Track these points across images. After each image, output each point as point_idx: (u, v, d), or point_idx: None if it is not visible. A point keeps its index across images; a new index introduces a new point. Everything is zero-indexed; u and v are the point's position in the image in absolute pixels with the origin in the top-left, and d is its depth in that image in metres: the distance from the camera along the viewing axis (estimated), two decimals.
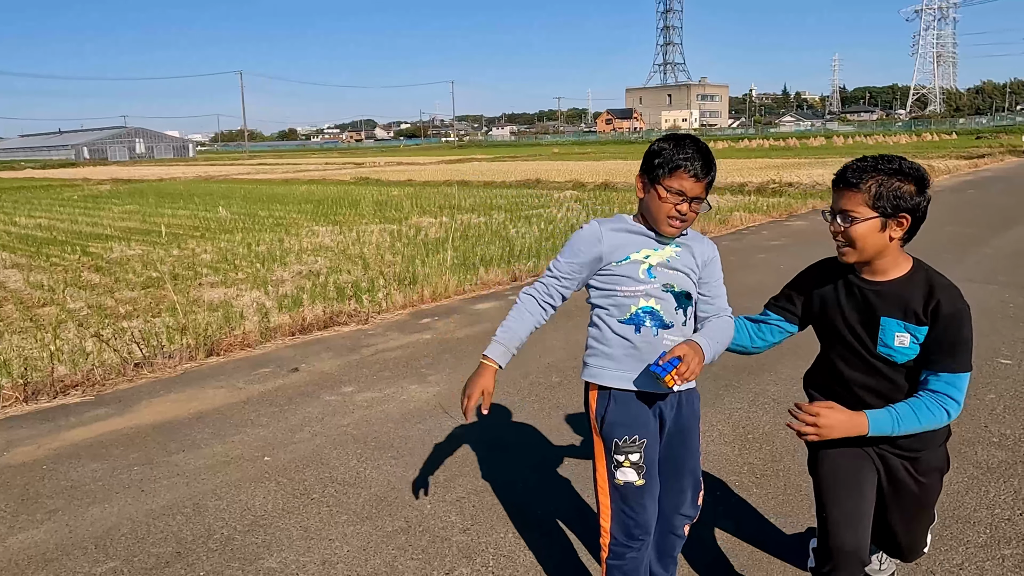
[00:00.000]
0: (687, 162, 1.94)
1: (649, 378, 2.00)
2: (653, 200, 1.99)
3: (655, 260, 2.04)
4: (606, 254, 2.04)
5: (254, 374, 5.26)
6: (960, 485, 3.28)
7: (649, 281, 2.03)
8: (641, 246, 2.04)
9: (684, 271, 2.06)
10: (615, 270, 2.04)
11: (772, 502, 3.20)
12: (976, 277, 7.64)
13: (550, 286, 2.10)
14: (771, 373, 4.86)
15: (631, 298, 2.03)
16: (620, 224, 2.07)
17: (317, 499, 3.33)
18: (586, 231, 2.05)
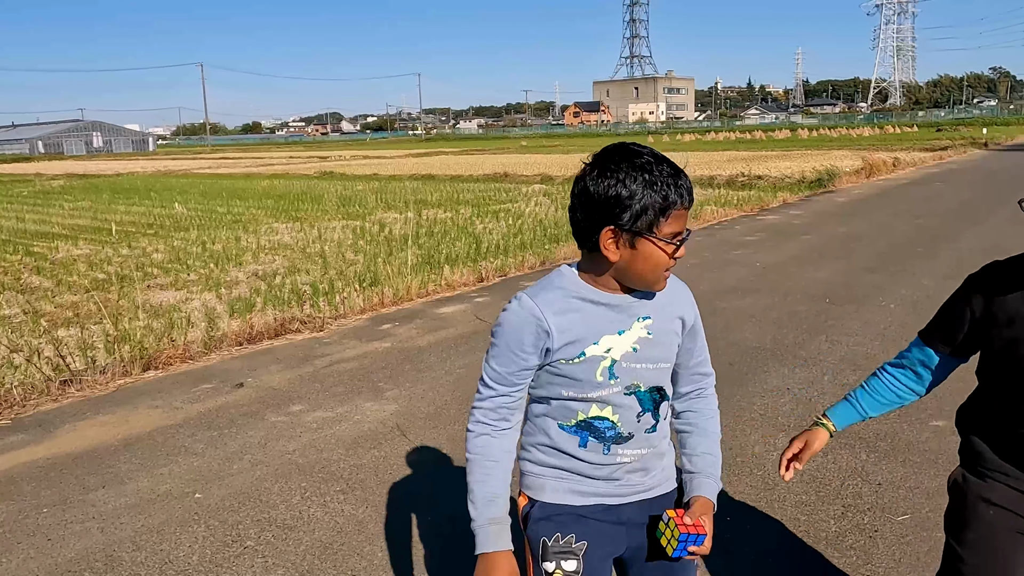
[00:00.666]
0: (679, 192, 1.39)
1: (600, 490, 1.52)
2: (644, 259, 1.40)
3: (620, 351, 1.47)
4: (555, 349, 1.45)
5: (194, 391, 4.79)
6: None
7: (608, 384, 1.47)
8: (601, 331, 1.46)
9: (656, 359, 1.51)
10: (562, 369, 1.47)
11: (766, 538, 2.85)
12: (955, 274, 7.40)
13: (501, 407, 1.50)
14: (756, 384, 4.53)
15: (580, 403, 1.49)
16: (565, 296, 1.46)
17: (251, 548, 2.90)
18: (522, 320, 1.44)
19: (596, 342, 1.45)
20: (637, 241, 1.39)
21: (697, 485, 1.59)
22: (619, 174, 1.37)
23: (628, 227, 1.38)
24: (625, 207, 1.37)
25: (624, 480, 1.53)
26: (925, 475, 3.31)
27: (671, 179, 1.38)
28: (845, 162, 22.18)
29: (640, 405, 1.50)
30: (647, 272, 1.43)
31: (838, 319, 5.89)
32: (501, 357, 1.47)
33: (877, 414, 1.86)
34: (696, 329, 1.60)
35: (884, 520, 2.95)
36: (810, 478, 3.31)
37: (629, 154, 1.40)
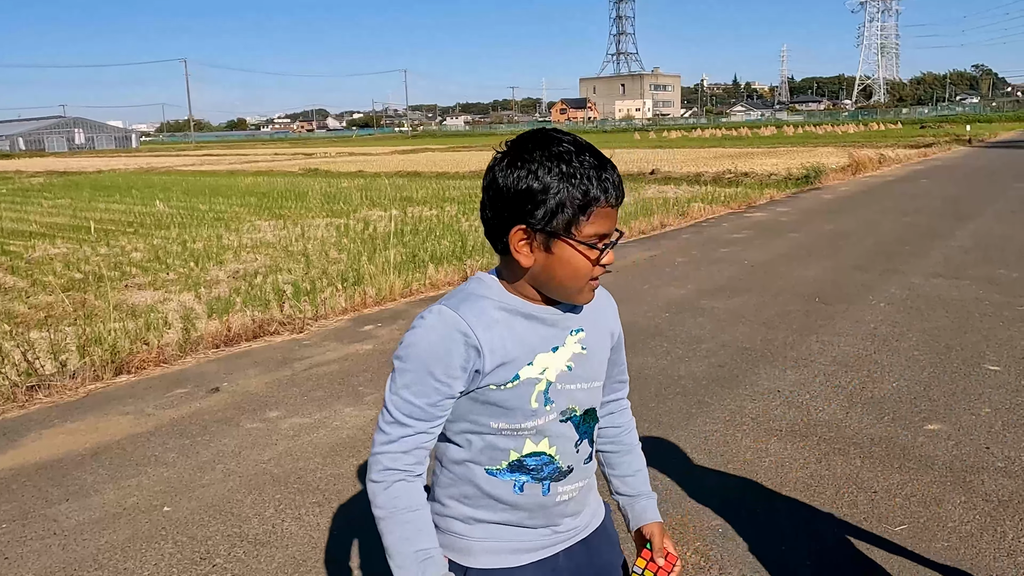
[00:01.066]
0: (603, 185, 1.18)
1: (537, 543, 1.32)
2: (562, 266, 1.20)
3: (555, 371, 1.26)
4: (485, 372, 1.21)
5: (168, 396, 4.62)
6: (972, 525, 2.86)
7: (544, 412, 1.26)
8: (535, 349, 1.25)
9: (590, 377, 1.33)
10: (491, 396, 1.23)
11: (762, 552, 2.74)
12: (944, 272, 7.36)
13: (418, 448, 1.24)
14: (747, 387, 4.41)
15: (510, 439, 1.25)
16: (491, 307, 1.23)
17: (220, 566, 2.75)
18: (445, 338, 1.19)
19: (531, 362, 1.24)
20: (553, 243, 1.18)
21: (642, 509, 1.47)
22: (531, 164, 1.17)
23: (541, 226, 1.17)
24: (538, 203, 1.16)
25: (561, 525, 1.34)
26: (921, 482, 3.20)
27: (594, 171, 1.17)
28: (831, 159, 22.19)
29: (577, 432, 1.32)
30: (566, 280, 1.22)
31: (829, 319, 5.79)
32: (418, 386, 1.20)
33: None
34: (621, 341, 1.46)
35: (881, 530, 2.84)
36: (804, 487, 3.20)
37: (546, 141, 1.19)
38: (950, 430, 3.71)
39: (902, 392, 4.23)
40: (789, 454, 3.51)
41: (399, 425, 1.22)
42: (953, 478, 3.23)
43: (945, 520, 2.90)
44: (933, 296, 6.39)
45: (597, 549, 1.40)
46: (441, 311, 1.22)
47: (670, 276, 7.67)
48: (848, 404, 4.08)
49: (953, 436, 3.64)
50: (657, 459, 3.49)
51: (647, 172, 20.72)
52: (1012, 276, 7.06)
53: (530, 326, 1.25)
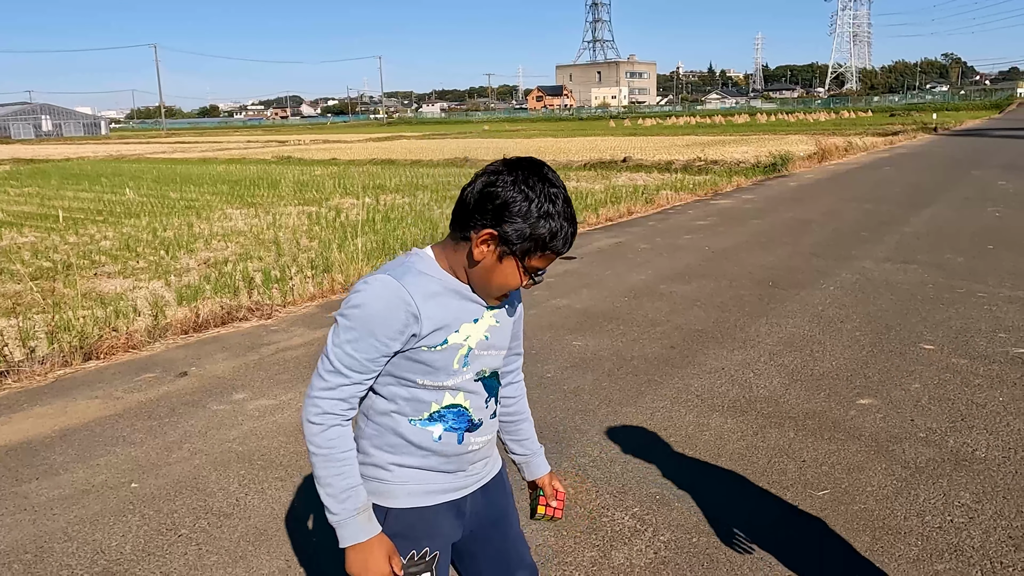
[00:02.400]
0: (565, 240, 1.41)
1: (449, 485, 1.54)
2: (499, 275, 1.42)
3: (475, 339, 1.49)
4: (421, 336, 1.42)
5: (136, 380, 4.74)
6: (889, 489, 3.09)
7: (462, 372, 1.48)
8: (461, 319, 1.46)
9: (499, 345, 1.55)
10: (423, 356, 1.44)
11: (693, 517, 2.95)
12: (895, 257, 7.65)
13: (352, 397, 1.44)
14: (695, 366, 4.63)
15: (433, 393, 1.47)
16: (429, 281, 1.43)
17: (185, 536, 2.91)
18: (390, 305, 1.37)
19: (457, 330, 1.45)
20: (505, 257, 1.40)
21: (536, 465, 1.76)
22: (530, 193, 1.37)
23: (506, 241, 1.38)
24: (516, 223, 1.37)
25: (469, 471, 1.56)
26: (847, 451, 3.44)
27: (568, 224, 1.41)
28: (799, 147, 22.56)
29: (486, 391, 1.54)
30: (494, 286, 1.45)
31: (780, 302, 6.04)
32: (360, 343, 1.38)
33: None
34: (521, 316, 1.68)
35: (805, 496, 3.07)
36: (739, 457, 3.42)
37: (548, 181, 1.40)
38: (880, 404, 3.95)
39: (840, 370, 4.47)
40: (728, 428, 3.73)
41: (339, 375, 1.40)
42: (877, 447, 3.46)
43: (865, 485, 3.13)
44: (881, 280, 6.66)
45: (494, 495, 1.64)
46: (384, 281, 1.40)
47: (633, 263, 7.88)
48: (788, 381, 4.31)
49: (882, 410, 3.88)
50: (604, 435, 3.69)
51: (619, 160, 20.93)
52: (958, 260, 7.36)
53: (459, 300, 1.45)
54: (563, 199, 1.40)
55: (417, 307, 1.38)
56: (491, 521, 1.62)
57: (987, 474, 3.19)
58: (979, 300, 5.88)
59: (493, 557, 1.64)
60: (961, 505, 2.96)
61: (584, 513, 2.98)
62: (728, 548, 2.72)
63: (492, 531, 1.63)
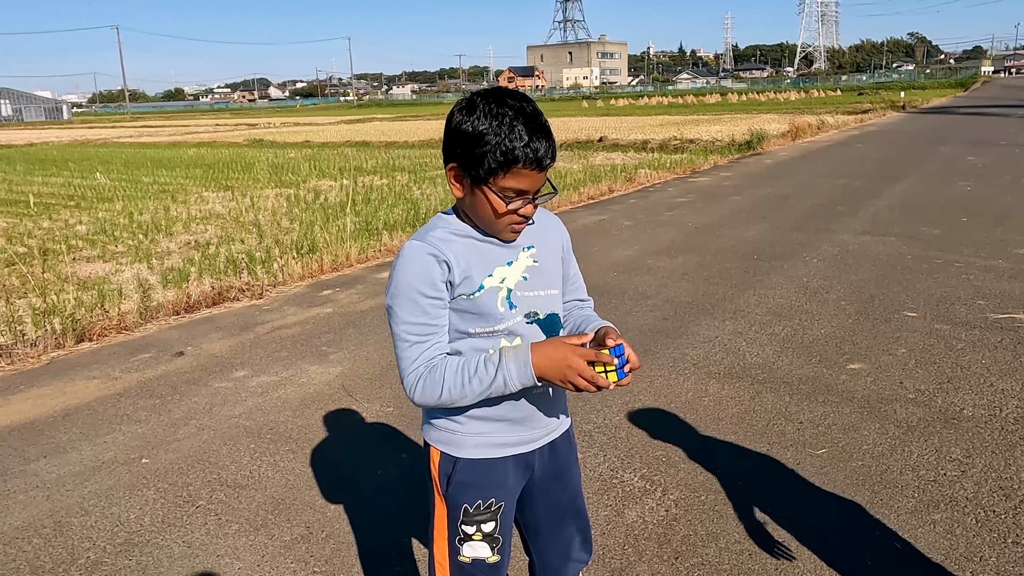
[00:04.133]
0: (526, 152, 1.35)
1: (518, 439, 1.56)
2: (481, 206, 1.42)
3: (512, 280, 1.50)
4: (456, 283, 1.46)
5: (132, 361, 4.73)
6: (883, 447, 3.22)
7: (510, 314, 1.50)
8: (492, 263, 1.48)
9: (545, 285, 1.55)
10: (464, 304, 1.47)
11: (700, 476, 3.05)
12: (872, 230, 7.82)
13: (435, 357, 1.46)
14: (689, 336, 4.74)
15: (489, 339, 1.49)
16: (450, 233, 1.47)
17: (203, 507, 2.94)
18: (421, 260, 1.42)
19: (491, 274, 1.48)
20: (476, 186, 1.41)
21: (595, 322, 1.60)
22: (477, 113, 1.36)
23: (468, 169, 1.39)
24: (468, 148, 1.37)
25: (537, 424, 1.59)
26: (841, 413, 3.56)
27: (527, 135, 1.34)
28: (772, 125, 22.79)
29: (543, 332, 1.56)
30: (485, 219, 1.45)
31: (765, 274, 6.16)
32: (411, 308, 1.43)
33: None
34: (570, 253, 1.70)
35: (805, 455, 3.18)
36: (738, 420, 3.53)
37: (500, 98, 1.37)
38: (869, 368, 4.08)
39: (829, 337, 4.60)
40: (726, 393, 3.84)
41: (415, 345, 1.44)
42: (870, 409, 3.59)
43: (860, 444, 3.26)
44: (860, 252, 6.82)
45: (561, 450, 1.67)
46: (410, 246, 1.47)
47: (617, 239, 7.98)
48: (780, 349, 4.43)
49: (872, 373, 4.02)
50: (606, 402, 3.78)
51: (595, 140, 20.99)
52: (933, 232, 7.55)
53: (484, 246, 1.48)
54: (516, 112, 1.36)
55: (444, 254, 1.43)
56: (554, 473, 1.66)
57: (975, 431, 3.34)
58: (957, 270, 6.06)
59: (550, 506, 1.68)
60: (952, 460, 3.10)
61: (595, 476, 3.07)
62: (736, 503, 2.82)
63: (554, 482, 1.66)
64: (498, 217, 1.43)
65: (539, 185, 1.43)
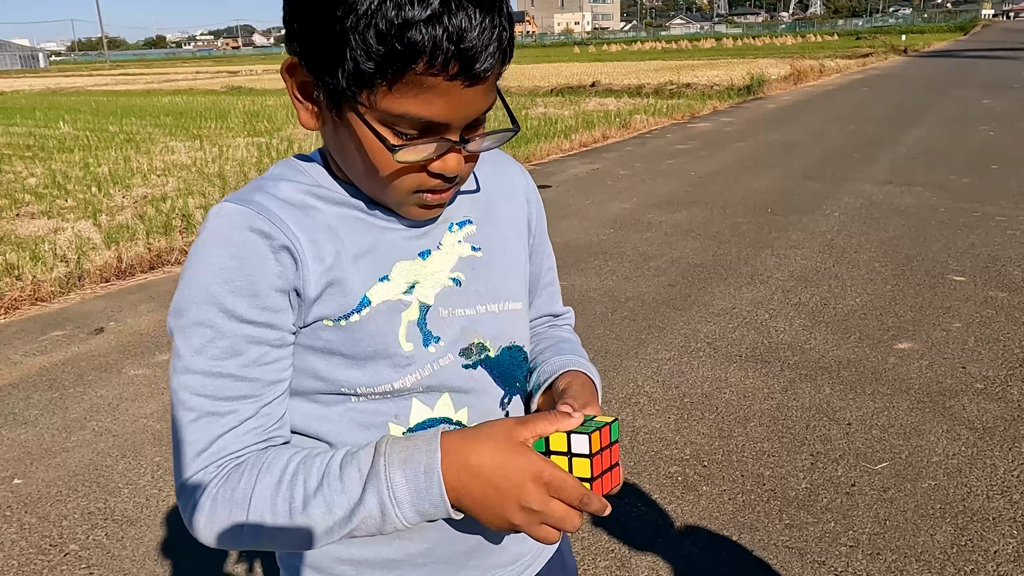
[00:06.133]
0: (433, 32, 0.60)
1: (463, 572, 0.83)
2: (354, 147, 0.69)
3: (431, 289, 0.77)
4: (313, 297, 0.72)
5: (41, 340, 3.98)
6: (959, 458, 2.53)
7: (426, 354, 0.76)
8: (388, 257, 0.76)
9: (503, 295, 0.83)
10: (330, 337, 0.74)
11: (729, 505, 2.36)
12: (895, 179, 7.07)
13: (247, 447, 0.70)
14: (701, 307, 4.02)
15: (384, 404, 0.76)
16: (309, 197, 0.74)
17: (74, 553, 2.23)
18: (237, 245, 0.69)
19: (385, 276, 0.75)
20: (342, 109, 0.67)
21: (565, 363, 0.88)
22: None
23: (316, 71, 0.66)
24: (319, 25, 0.63)
25: (492, 557, 0.83)
26: (897, 409, 2.87)
27: (439, 5, 0.60)
28: (772, 69, 21.78)
29: (499, 382, 0.82)
30: (364, 174, 0.71)
31: (782, 231, 5.42)
32: (217, 340, 0.68)
33: None
34: (543, 233, 0.94)
35: (860, 471, 2.49)
36: (770, 420, 2.83)
37: None
38: (922, 349, 3.38)
39: (867, 308, 3.89)
40: (751, 383, 3.14)
41: (205, 420, 0.69)
42: (931, 404, 2.90)
43: (928, 454, 2.57)
44: (887, 204, 6.08)
45: None
46: (221, 211, 0.71)
47: (613, 190, 7.20)
48: (811, 323, 3.72)
49: (926, 355, 3.31)
50: (604, 393, 3.08)
51: (588, 85, 19.99)
52: (963, 181, 6.81)
53: (374, 224, 0.76)
54: None
55: (287, 235, 0.70)
56: None
57: None
58: (999, 224, 5.33)
59: None
60: None
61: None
62: (777, 545, 2.14)
63: None
64: (384, 176, 0.69)
65: (471, 112, 0.67)
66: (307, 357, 0.75)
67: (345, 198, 0.75)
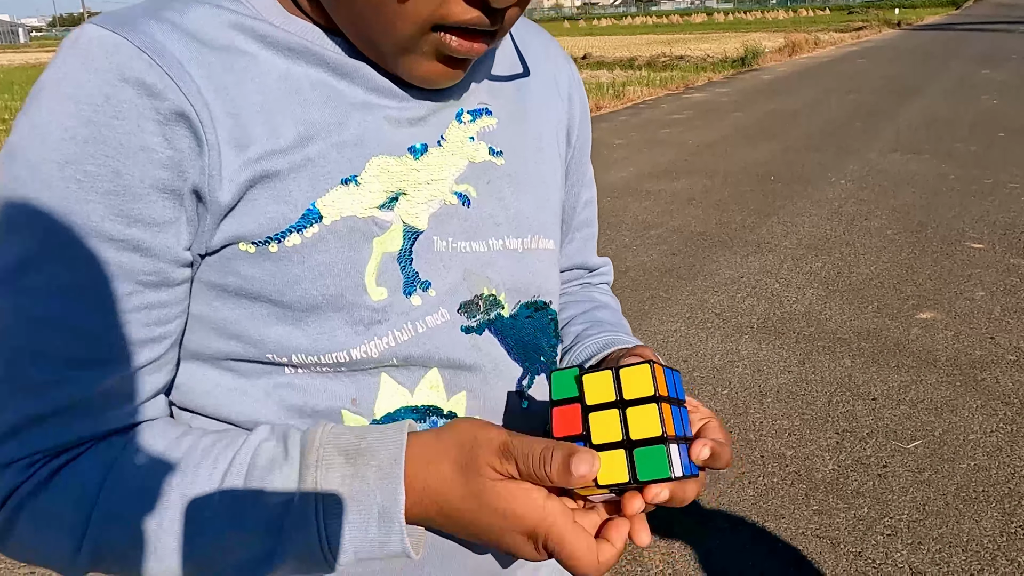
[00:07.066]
0: None
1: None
2: None
3: (424, 200, 0.50)
4: (218, 197, 0.44)
5: None
6: (998, 436, 2.31)
7: (407, 307, 0.50)
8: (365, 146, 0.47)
9: (528, 227, 0.56)
10: (253, 271, 0.46)
11: (750, 489, 2.13)
12: (900, 148, 6.83)
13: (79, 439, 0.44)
14: (705, 276, 3.77)
15: (336, 381, 0.49)
16: (227, 28, 0.46)
17: None
18: (104, 97, 0.41)
19: (353, 177, 0.47)
20: None
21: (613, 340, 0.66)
22: None
23: None
24: None
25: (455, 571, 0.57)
26: (925, 383, 2.65)
27: None
28: (767, 42, 21.46)
29: (516, 354, 0.56)
30: (369, 17, 0.44)
31: (788, 199, 5.18)
32: (39, 270, 0.42)
33: None
34: (585, 147, 0.70)
35: (892, 450, 2.27)
36: (788, 395, 2.60)
37: None
38: (946, 319, 3.16)
39: (883, 276, 3.66)
40: (765, 356, 2.90)
41: (15, 388, 0.43)
42: (962, 377, 2.68)
43: (964, 431, 2.35)
44: (894, 172, 5.84)
45: None
46: (79, 39, 0.43)
47: (608, 159, 6.93)
48: (825, 293, 3.49)
49: (950, 325, 3.09)
50: None
51: (579, 57, 19.62)
52: (970, 150, 6.58)
53: (351, 89, 0.49)
54: None
55: (185, 93, 0.43)
56: None
57: None
58: (1012, 192, 5.10)
59: None
60: None
61: None
62: (807, 534, 1.91)
63: None
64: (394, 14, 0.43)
65: None
66: (213, 302, 0.48)
67: (301, 43, 0.47)
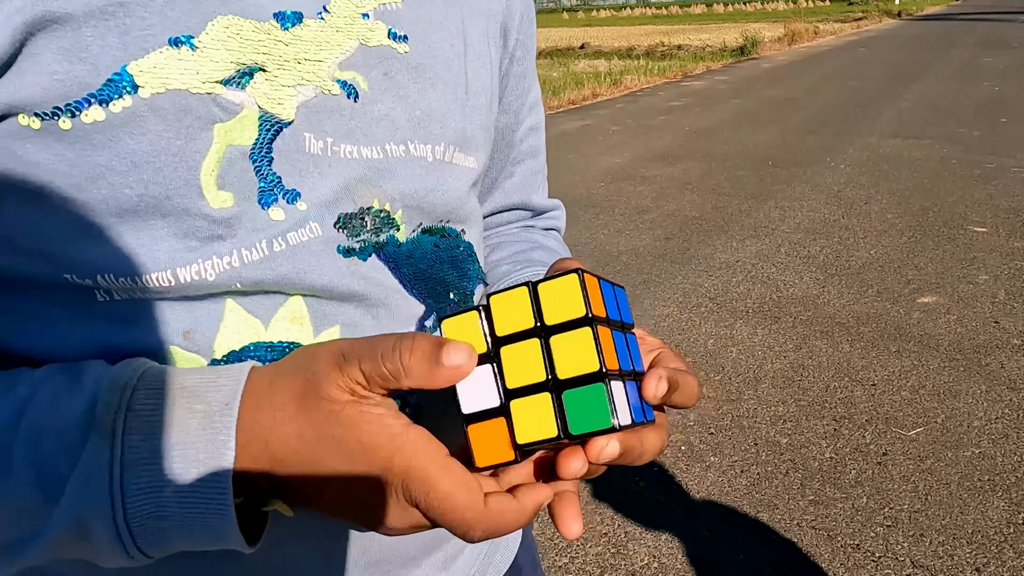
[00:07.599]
0: None
1: None
2: None
3: (291, 83, 0.37)
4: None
5: None
6: (1003, 422, 2.20)
7: (263, 219, 0.38)
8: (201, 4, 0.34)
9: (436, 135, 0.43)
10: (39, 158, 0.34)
11: (742, 478, 2.02)
12: (901, 132, 6.70)
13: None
14: (699, 261, 3.65)
15: (162, 310, 0.37)
16: None
17: None
18: None
19: (187, 38, 0.34)
20: None
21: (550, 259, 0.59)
22: None
23: None
24: None
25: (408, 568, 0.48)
26: (926, 368, 2.53)
27: None
28: (766, 31, 21.29)
29: (414, 286, 0.44)
30: None
31: (785, 183, 5.06)
32: None
33: None
34: (529, 57, 0.57)
35: (892, 437, 2.16)
36: (785, 380, 2.49)
37: None
38: (948, 303, 3.04)
39: (883, 260, 3.54)
40: (760, 340, 2.79)
41: None
42: (965, 362, 2.56)
43: (967, 417, 2.23)
44: (895, 156, 5.72)
45: None
46: None
47: (604, 145, 6.80)
48: (823, 277, 3.37)
49: (952, 310, 2.97)
50: None
51: (577, 47, 19.47)
52: (973, 134, 6.45)
53: None
54: None
55: None
56: None
57: None
58: (1016, 175, 4.98)
59: None
60: None
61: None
62: (802, 524, 1.80)
63: None
64: None
65: None
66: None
67: None
